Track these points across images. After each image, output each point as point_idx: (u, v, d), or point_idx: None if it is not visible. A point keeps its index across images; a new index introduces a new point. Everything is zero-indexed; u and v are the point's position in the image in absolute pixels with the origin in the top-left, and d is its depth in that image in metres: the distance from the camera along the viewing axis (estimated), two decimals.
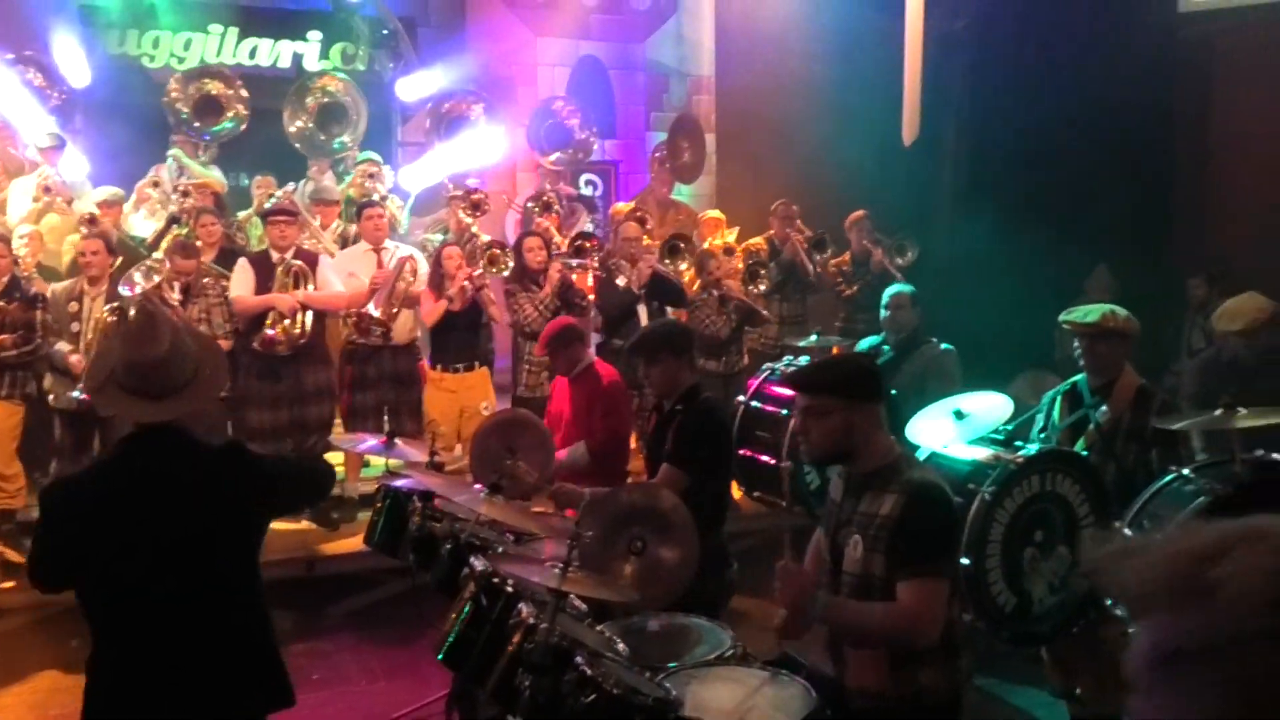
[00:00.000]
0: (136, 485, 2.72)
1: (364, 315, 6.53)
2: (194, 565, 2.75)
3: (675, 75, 10.52)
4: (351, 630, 5.87)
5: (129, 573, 2.69)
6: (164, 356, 2.71)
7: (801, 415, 3.11)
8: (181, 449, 2.79)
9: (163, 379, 2.72)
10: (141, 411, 2.72)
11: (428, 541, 4.18)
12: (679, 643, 3.49)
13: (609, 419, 5.12)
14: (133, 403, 2.71)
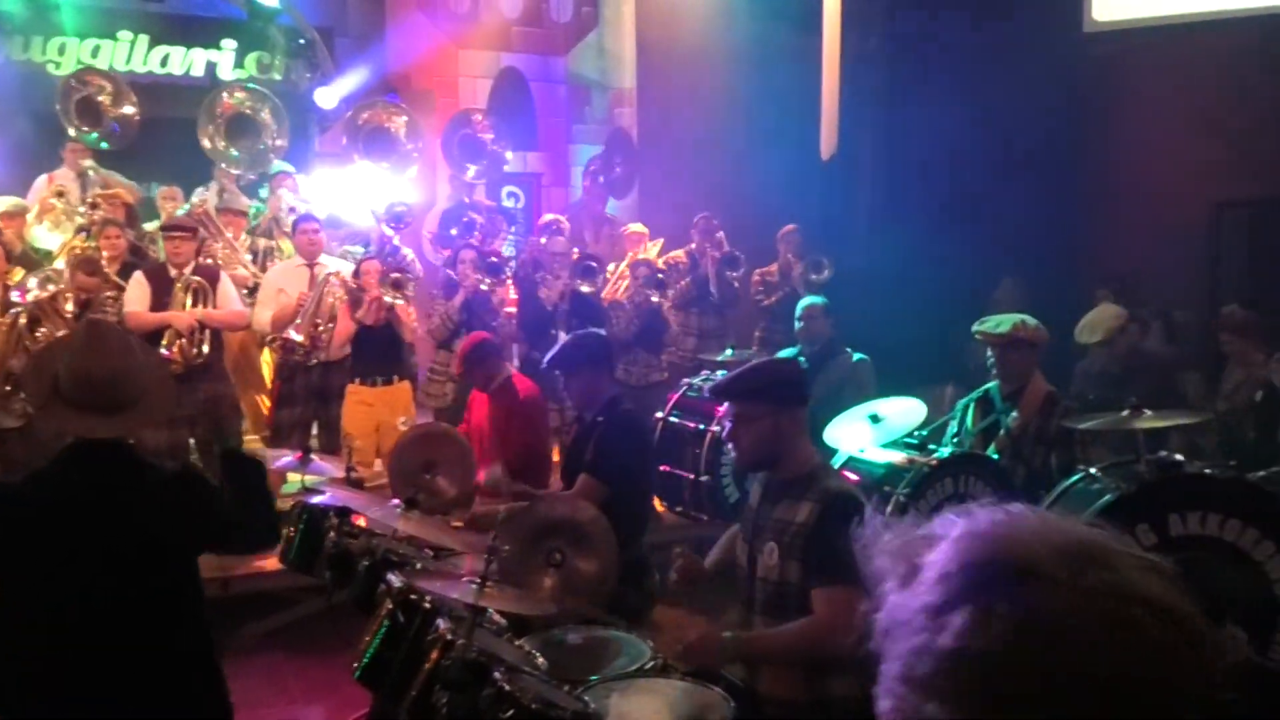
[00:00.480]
0: (75, 500, 2.59)
1: (286, 339, 6.41)
2: (128, 586, 2.62)
3: (597, 88, 10.55)
4: (267, 651, 5.73)
5: (56, 591, 2.56)
6: (116, 369, 2.62)
7: (731, 422, 3.15)
8: (127, 467, 2.68)
9: (114, 393, 2.61)
10: (90, 427, 2.60)
11: (344, 558, 4.11)
12: (599, 655, 3.48)
13: (525, 434, 5.09)
14: (81, 418, 2.59)
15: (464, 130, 8.94)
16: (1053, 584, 0.88)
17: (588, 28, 10.52)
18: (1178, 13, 8.75)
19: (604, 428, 4.29)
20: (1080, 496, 3.73)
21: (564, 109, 10.41)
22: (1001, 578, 0.90)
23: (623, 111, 10.46)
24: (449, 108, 9.78)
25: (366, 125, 8.60)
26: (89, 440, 2.62)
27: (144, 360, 2.78)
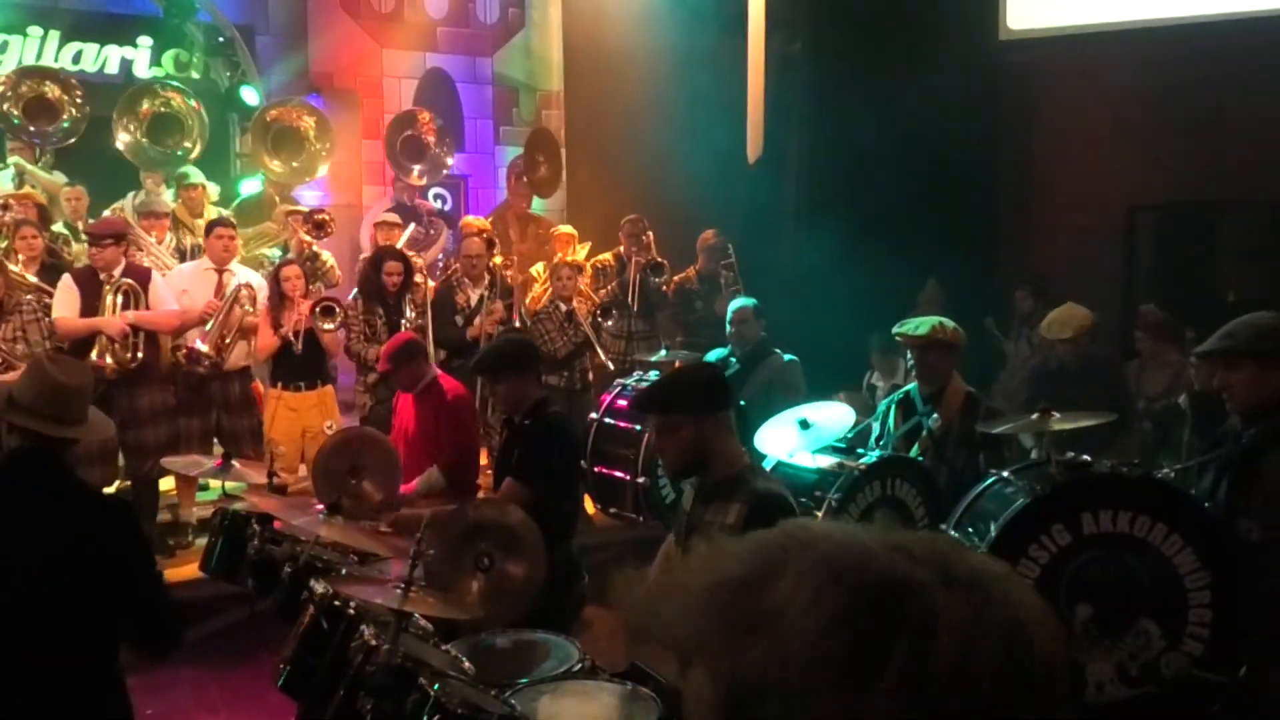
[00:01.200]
0: (12, 512, 2.75)
1: (192, 349, 6.25)
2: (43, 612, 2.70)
3: (524, 89, 10.51)
4: (190, 661, 5.57)
5: None
6: (78, 386, 2.90)
7: (655, 433, 3.17)
8: (62, 479, 2.86)
9: (71, 407, 2.85)
10: (51, 429, 2.81)
11: (267, 565, 4.04)
12: (527, 658, 3.48)
13: (456, 434, 5.07)
14: (43, 423, 2.80)
15: (408, 131, 8.85)
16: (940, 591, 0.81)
17: (514, 29, 10.47)
18: (1090, 23, 9.01)
19: (531, 431, 4.28)
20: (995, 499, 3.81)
21: (490, 110, 10.35)
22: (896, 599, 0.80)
23: (550, 113, 10.44)
24: (373, 108, 9.67)
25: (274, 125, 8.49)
26: (33, 453, 2.83)
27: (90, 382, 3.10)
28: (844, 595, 0.80)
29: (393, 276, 6.63)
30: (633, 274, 7.75)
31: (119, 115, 7.95)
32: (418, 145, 8.86)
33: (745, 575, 0.85)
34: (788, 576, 0.82)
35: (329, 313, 6.32)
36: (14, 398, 2.80)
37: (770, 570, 0.84)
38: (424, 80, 9.99)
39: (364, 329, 6.66)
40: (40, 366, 2.89)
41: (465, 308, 7.14)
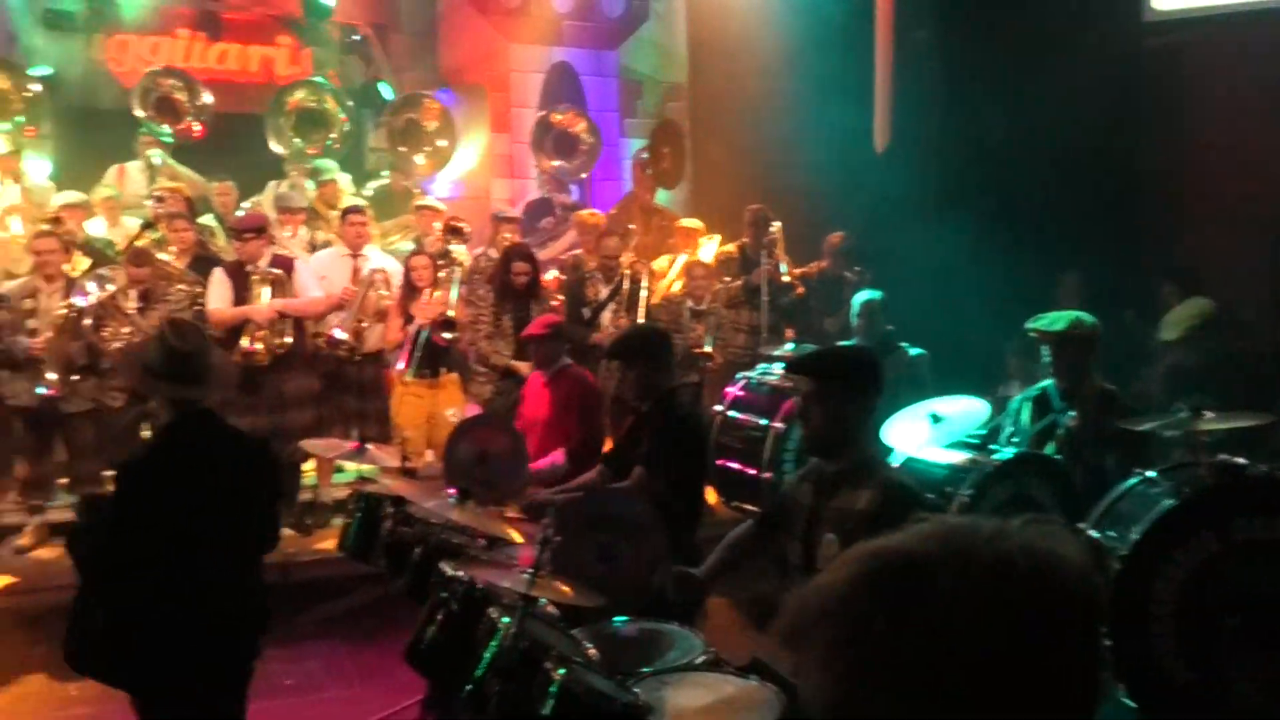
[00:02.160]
0: (184, 458, 3.29)
1: (330, 336, 6.48)
2: (222, 521, 3.32)
3: (648, 82, 10.54)
4: (325, 636, 5.82)
5: (177, 526, 3.21)
6: (194, 349, 3.33)
7: (805, 400, 3.14)
8: (219, 430, 3.41)
9: (192, 367, 3.30)
10: (179, 391, 3.30)
11: (400, 547, 4.17)
12: (651, 648, 3.48)
13: (583, 423, 5.13)
14: (172, 386, 3.29)
15: (553, 129, 8.99)
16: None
17: (639, 22, 10.51)
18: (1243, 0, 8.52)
19: (660, 420, 4.29)
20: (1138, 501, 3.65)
21: (615, 103, 10.41)
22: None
23: (674, 105, 10.44)
24: (500, 102, 9.84)
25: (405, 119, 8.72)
26: (184, 410, 3.31)
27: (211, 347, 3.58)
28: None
29: (520, 276, 6.74)
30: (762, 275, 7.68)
31: (271, 113, 8.28)
32: (568, 140, 8.97)
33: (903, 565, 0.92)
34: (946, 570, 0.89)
35: (449, 327, 6.48)
36: (148, 366, 3.31)
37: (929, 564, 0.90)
38: (550, 74, 10.12)
39: (492, 324, 6.78)
40: (161, 336, 3.38)
41: (593, 301, 7.20)
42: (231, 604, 3.38)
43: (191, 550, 3.24)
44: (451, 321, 6.50)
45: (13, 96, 7.75)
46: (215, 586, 3.30)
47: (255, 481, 3.45)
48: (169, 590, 3.21)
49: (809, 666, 0.94)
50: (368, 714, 4.86)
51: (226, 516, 3.33)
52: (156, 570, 3.21)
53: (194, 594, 3.24)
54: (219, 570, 3.33)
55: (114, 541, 3.24)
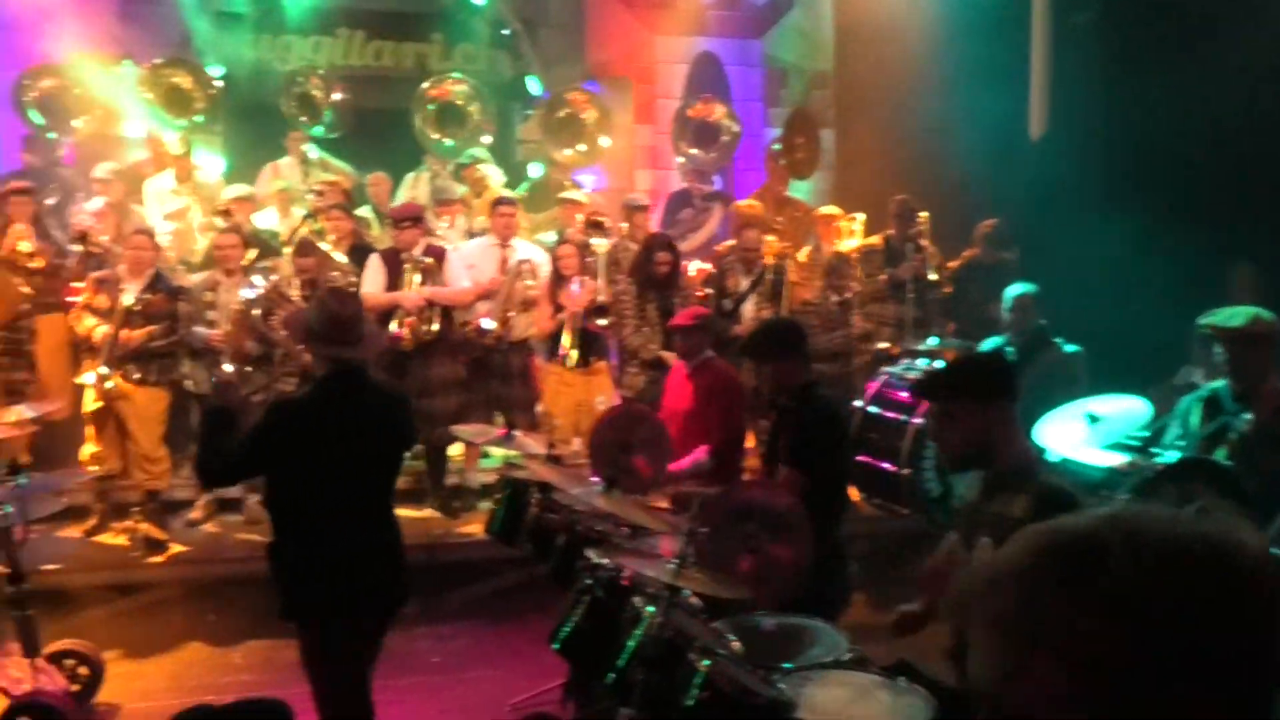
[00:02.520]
0: (340, 408, 3.63)
1: (478, 325, 6.64)
2: (366, 470, 3.67)
3: (793, 70, 10.41)
4: (471, 617, 5.99)
5: (322, 473, 3.53)
6: (352, 314, 3.71)
7: (936, 420, 3.05)
8: (368, 385, 3.79)
9: (351, 330, 3.66)
10: (339, 351, 3.65)
11: (545, 533, 4.26)
12: (793, 643, 3.46)
13: (725, 417, 5.12)
14: (332, 347, 3.65)
15: (695, 119, 9.00)
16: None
17: (784, 9, 10.39)
18: None
19: (798, 416, 4.24)
20: None
21: (759, 93, 10.33)
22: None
23: (820, 93, 10.29)
24: (645, 94, 9.89)
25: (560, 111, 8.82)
26: (339, 366, 3.66)
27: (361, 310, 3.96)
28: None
29: (662, 265, 6.76)
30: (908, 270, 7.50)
31: (414, 106, 8.54)
32: (708, 130, 8.97)
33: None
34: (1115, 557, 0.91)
35: (601, 313, 6.56)
36: (309, 326, 3.71)
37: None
38: (694, 65, 10.11)
39: (636, 315, 6.82)
40: (323, 302, 3.78)
41: (733, 293, 7.17)
42: (374, 536, 3.71)
43: (346, 486, 3.59)
44: (604, 307, 6.58)
45: (195, 94, 8.20)
46: (360, 520, 3.64)
47: (396, 428, 3.84)
48: (328, 524, 3.56)
49: (977, 638, 0.97)
50: (510, 695, 4.98)
51: (373, 458, 3.70)
52: (316, 506, 3.55)
53: (340, 527, 3.58)
54: (362, 504, 3.67)
55: (241, 456, 3.63)
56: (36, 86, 8.07)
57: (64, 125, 8.11)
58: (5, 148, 8.53)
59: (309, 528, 3.58)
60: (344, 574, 3.56)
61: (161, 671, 5.38)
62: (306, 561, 3.58)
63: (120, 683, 5.10)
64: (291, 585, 3.60)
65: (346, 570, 3.56)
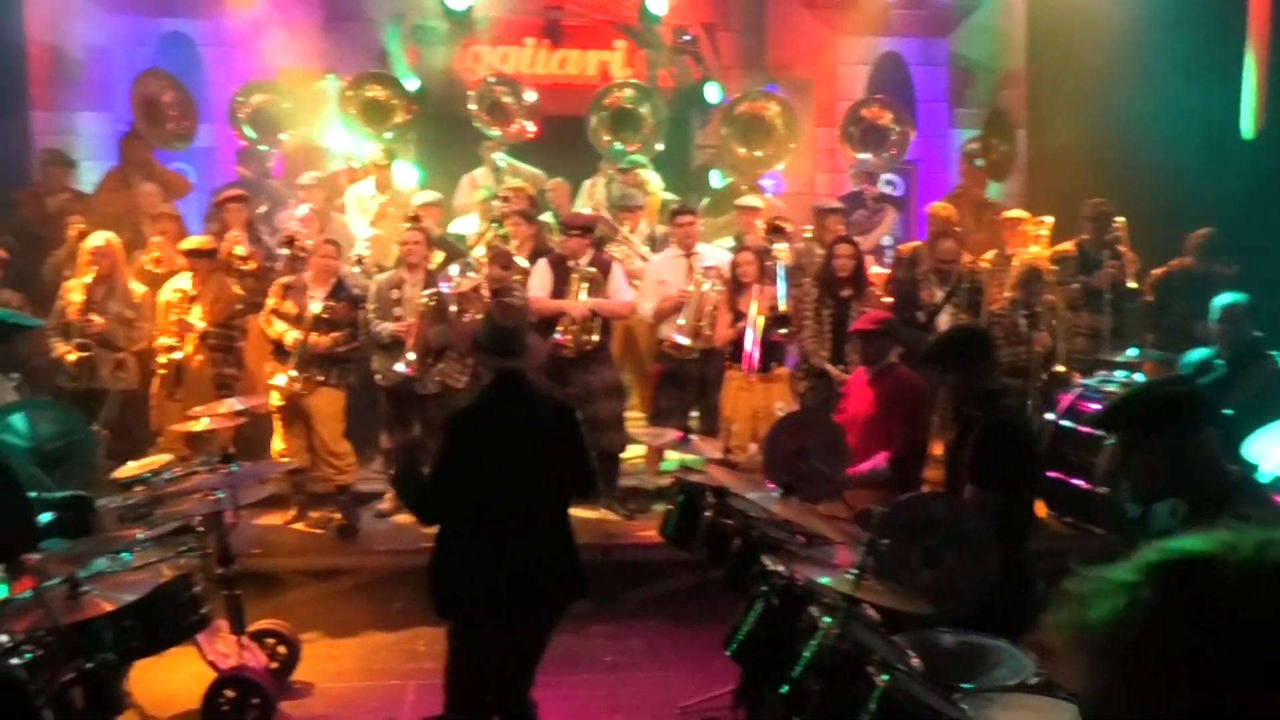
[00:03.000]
0: (504, 414, 3.83)
1: (674, 343, 6.67)
2: (531, 474, 3.77)
3: (981, 70, 10.06)
4: (644, 618, 6.04)
5: (484, 475, 3.70)
6: (516, 328, 3.93)
7: (1122, 450, 2.87)
8: (532, 393, 3.98)
9: (514, 342, 3.86)
10: (502, 363, 3.87)
11: (719, 537, 4.25)
12: (975, 663, 3.34)
13: (908, 426, 4.99)
14: (495, 358, 3.90)
15: (864, 120, 8.85)
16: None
17: (972, 7, 10.06)
18: None
19: (983, 428, 4.08)
20: None
21: (945, 93, 10.03)
22: None
23: (1009, 93, 9.90)
24: (826, 96, 9.76)
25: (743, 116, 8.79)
26: (505, 375, 3.86)
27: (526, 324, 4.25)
28: None
29: (844, 260, 6.65)
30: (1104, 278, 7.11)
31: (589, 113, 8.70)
32: (876, 132, 8.79)
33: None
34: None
35: (781, 323, 6.50)
36: (477, 338, 3.98)
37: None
38: (877, 65, 9.92)
39: (815, 319, 6.73)
40: (490, 316, 4.02)
41: (928, 305, 6.97)
42: (537, 538, 3.81)
43: (506, 490, 3.72)
44: (784, 317, 6.52)
45: (392, 106, 8.61)
46: (528, 524, 3.77)
47: (560, 434, 3.93)
48: (488, 526, 3.71)
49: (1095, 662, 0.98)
50: (681, 698, 4.99)
51: (536, 463, 3.80)
52: (477, 508, 3.70)
53: (509, 530, 3.72)
54: (530, 508, 3.78)
55: (435, 482, 3.81)
56: (249, 103, 8.65)
57: (273, 138, 8.66)
58: (223, 160, 9.19)
59: (470, 529, 3.73)
60: (500, 575, 3.69)
61: (351, 654, 5.65)
62: (463, 562, 3.74)
63: (314, 663, 5.39)
64: (445, 584, 3.78)
65: (502, 572, 3.69)
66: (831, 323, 6.67)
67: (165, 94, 8.50)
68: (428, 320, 6.44)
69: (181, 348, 6.56)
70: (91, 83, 9.32)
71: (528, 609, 3.80)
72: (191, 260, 6.64)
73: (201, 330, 6.59)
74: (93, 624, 3.33)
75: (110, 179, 8.30)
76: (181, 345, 6.56)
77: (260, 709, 4.59)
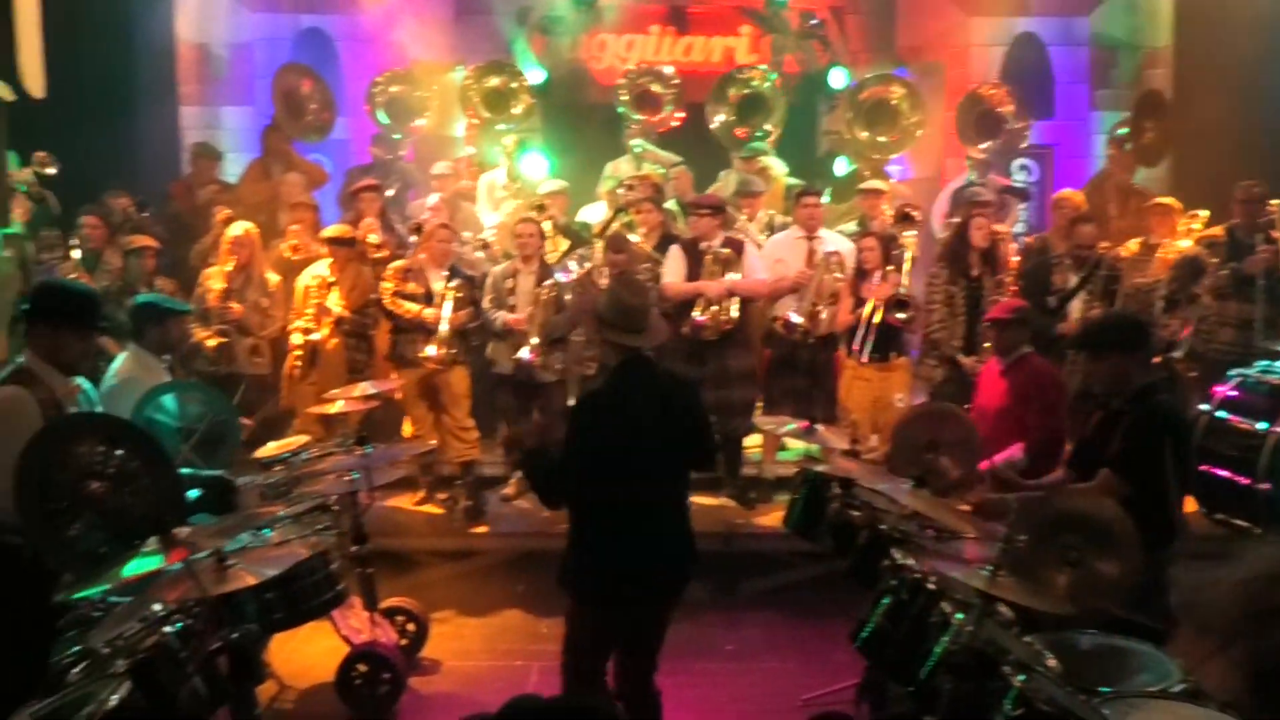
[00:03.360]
0: (630, 396, 3.81)
1: (787, 320, 6.60)
2: (663, 452, 3.79)
3: (1124, 48, 9.60)
4: (765, 607, 5.99)
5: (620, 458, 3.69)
6: (641, 304, 3.90)
7: None
8: (655, 371, 3.96)
9: (640, 319, 3.85)
10: (627, 339, 3.84)
11: (846, 529, 4.18)
12: (1114, 667, 3.20)
13: (1044, 417, 4.83)
14: (621, 334, 3.84)
15: (980, 106, 8.57)
16: None
17: None
18: None
19: (1133, 419, 3.91)
20: None
21: (1085, 73, 9.61)
22: None
23: (1155, 73, 9.42)
24: (958, 79, 9.47)
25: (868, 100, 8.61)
26: (629, 355, 3.85)
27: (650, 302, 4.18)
28: None
29: (980, 231, 6.43)
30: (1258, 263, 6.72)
31: (712, 100, 8.64)
32: (992, 120, 8.49)
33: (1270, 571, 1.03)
34: None
35: (902, 307, 6.33)
36: (600, 313, 3.91)
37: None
38: (1013, 46, 9.57)
39: (945, 302, 6.54)
40: (614, 291, 3.96)
41: (1060, 289, 6.71)
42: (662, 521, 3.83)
43: (633, 472, 3.69)
44: (905, 301, 6.35)
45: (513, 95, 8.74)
46: (653, 505, 3.77)
47: (683, 412, 3.91)
48: (616, 509, 3.71)
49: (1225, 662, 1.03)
50: (802, 690, 4.94)
51: (661, 444, 3.77)
52: (605, 492, 3.68)
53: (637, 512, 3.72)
54: (656, 490, 3.78)
55: (562, 464, 3.79)
56: (385, 91, 8.90)
57: (406, 125, 8.89)
58: (357, 150, 9.48)
59: (599, 513, 3.74)
60: (630, 558, 3.71)
61: (477, 634, 5.76)
62: (596, 547, 3.76)
63: (441, 641, 5.51)
64: (580, 570, 3.79)
65: (632, 555, 3.70)
66: (965, 305, 6.47)
67: (304, 87, 8.81)
68: (548, 310, 6.52)
69: (318, 330, 6.79)
70: (235, 78, 9.73)
71: (654, 591, 3.81)
72: (331, 248, 6.86)
73: (338, 315, 6.80)
74: (238, 596, 3.48)
75: (253, 170, 8.65)
76: (318, 329, 6.79)
77: (391, 684, 4.73)
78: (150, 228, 7.58)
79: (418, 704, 4.93)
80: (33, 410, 3.77)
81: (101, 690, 2.51)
